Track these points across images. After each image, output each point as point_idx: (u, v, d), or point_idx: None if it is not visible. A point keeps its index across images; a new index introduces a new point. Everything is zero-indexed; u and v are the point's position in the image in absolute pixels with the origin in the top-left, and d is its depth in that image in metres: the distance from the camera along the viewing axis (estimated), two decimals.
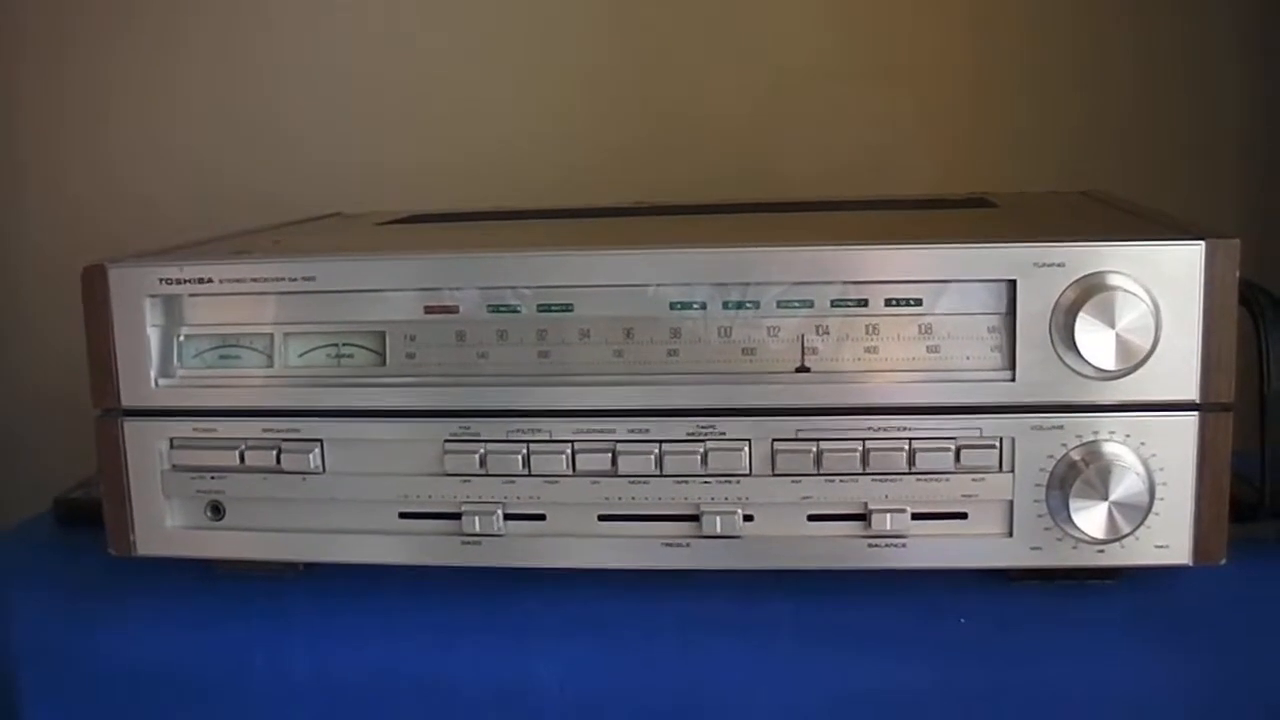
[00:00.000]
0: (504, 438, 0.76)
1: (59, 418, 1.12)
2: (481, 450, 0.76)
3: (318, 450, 0.78)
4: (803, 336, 0.74)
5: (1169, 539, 0.73)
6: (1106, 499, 0.72)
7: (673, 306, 0.75)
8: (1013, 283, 0.72)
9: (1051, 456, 0.73)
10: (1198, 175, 1.24)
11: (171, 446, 0.80)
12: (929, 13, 1.27)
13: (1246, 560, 0.75)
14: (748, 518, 0.76)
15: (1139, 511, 0.72)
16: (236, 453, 0.79)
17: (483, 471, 0.77)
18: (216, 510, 0.81)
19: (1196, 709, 0.71)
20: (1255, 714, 0.71)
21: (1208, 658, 0.72)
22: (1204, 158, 1.25)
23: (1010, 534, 0.74)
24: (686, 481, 0.75)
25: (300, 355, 0.79)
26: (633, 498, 0.76)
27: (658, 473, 0.75)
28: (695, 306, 0.75)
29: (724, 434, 0.75)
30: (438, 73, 1.33)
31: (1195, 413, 0.72)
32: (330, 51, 1.33)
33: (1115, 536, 0.73)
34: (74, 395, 0.83)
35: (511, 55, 1.32)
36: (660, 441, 0.75)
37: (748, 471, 0.75)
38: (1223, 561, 0.73)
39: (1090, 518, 0.72)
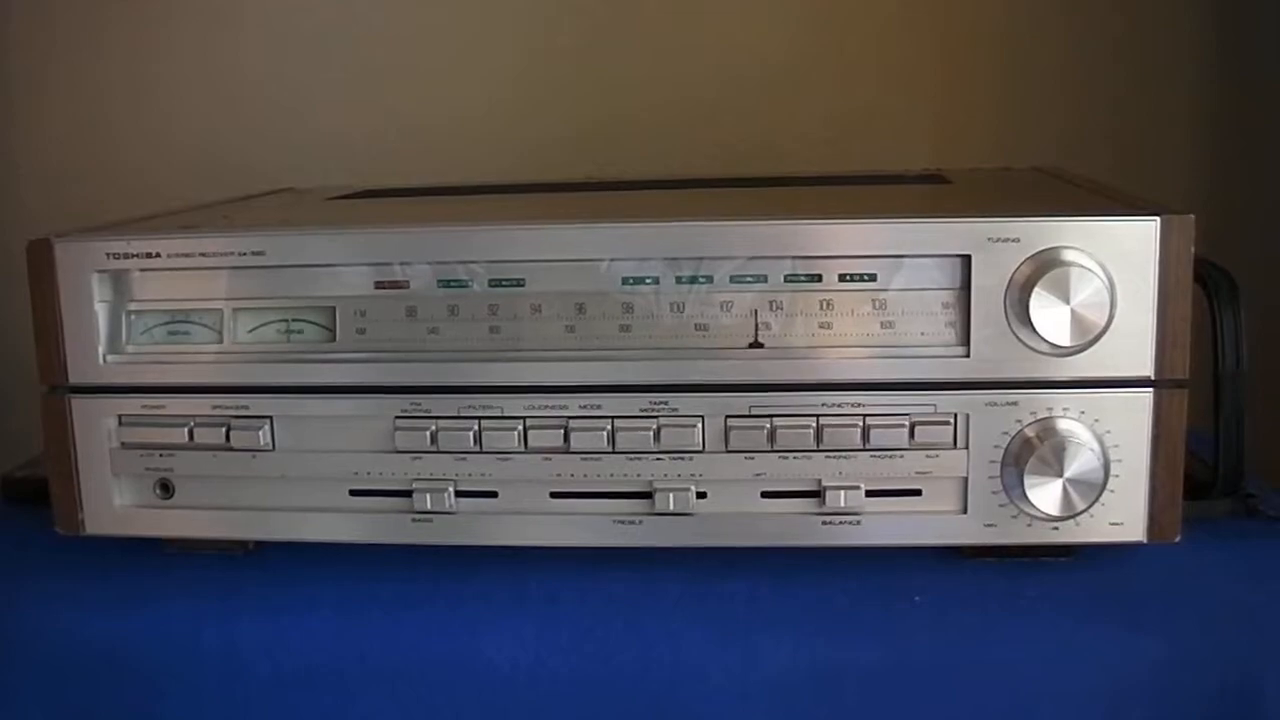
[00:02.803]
0: (455, 414, 0.76)
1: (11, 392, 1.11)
2: (432, 427, 0.76)
3: (267, 427, 0.77)
4: (756, 312, 0.74)
5: (1123, 516, 0.73)
6: (1061, 476, 0.71)
7: (625, 282, 0.74)
8: (967, 258, 0.71)
9: (1006, 433, 0.73)
10: (1151, 151, 1.24)
11: (120, 424, 0.79)
12: None
13: (1200, 538, 0.75)
14: (701, 495, 0.75)
15: (1094, 488, 0.72)
16: (186, 430, 0.78)
17: (434, 448, 0.76)
18: (165, 488, 0.80)
19: (1150, 686, 0.71)
20: (1208, 691, 0.71)
21: (1161, 635, 0.72)
22: (1158, 134, 1.25)
23: (965, 511, 0.74)
24: (639, 458, 0.75)
25: (250, 331, 0.78)
26: (585, 475, 0.76)
27: (610, 449, 0.75)
28: (648, 282, 0.74)
29: (677, 410, 0.74)
30: (396, 47, 1.32)
31: (1150, 389, 0.72)
32: (290, 27, 1.33)
33: (1070, 513, 0.73)
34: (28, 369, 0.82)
35: (470, 31, 1.31)
36: (613, 418, 0.75)
37: (700, 448, 0.75)
38: (1177, 539, 0.73)
39: (1045, 494, 0.72)
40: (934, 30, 1.27)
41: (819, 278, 0.73)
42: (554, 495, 0.77)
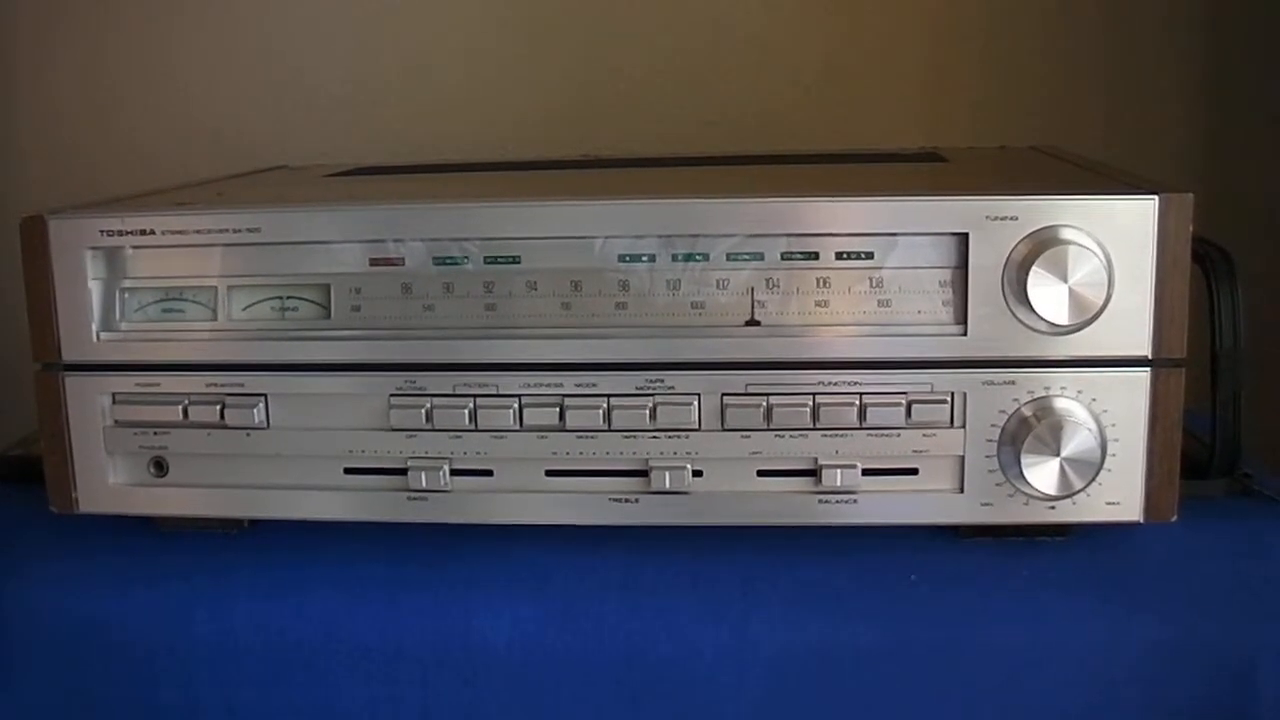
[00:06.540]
0: (450, 392, 0.75)
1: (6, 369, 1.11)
2: (428, 404, 0.75)
3: (262, 405, 0.77)
4: (752, 290, 0.73)
5: (1120, 496, 0.73)
6: (1058, 455, 0.71)
7: (621, 259, 0.74)
8: (965, 236, 0.71)
9: (1003, 412, 0.73)
10: (1147, 130, 1.24)
11: (114, 402, 0.79)
12: None
13: (1197, 517, 0.75)
14: (697, 473, 0.75)
15: (1090, 468, 0.72)
16: (180, 408, 0.78)
17: (429, 426, 0.76)
18: (160, 466, 0.80)
19: (1146, 665, 0.71)
20: (1204, 670, 0.71)
21: (1157, 614, 0.72)
22: (1153, 113, 1.25)
23: (961, 490, 0.74)
24: (635, 436, 0.75)
25: (244, 308, 0.78)
26: (580, 453, 0.75)
27: (606, 427, 0.74)
28: (644, 259, 0.74)
29: (673, 388, 0.74)
30: (388, 26, 1.32)
31: (1147, 368, 0.72)
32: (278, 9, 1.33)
33: (1067, 493, 0.72)
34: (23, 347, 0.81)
35: (462, 7, 1.31)
36: (608, 396, 0.74)
37: (697, 426, 0.74)
38: (1173, 519, 0.73)
39: (1042, 474, 0.72)
40: (925, 5, 1.26)
41: (816, 255, 0.73)
42: (549, 474, 0.76)
